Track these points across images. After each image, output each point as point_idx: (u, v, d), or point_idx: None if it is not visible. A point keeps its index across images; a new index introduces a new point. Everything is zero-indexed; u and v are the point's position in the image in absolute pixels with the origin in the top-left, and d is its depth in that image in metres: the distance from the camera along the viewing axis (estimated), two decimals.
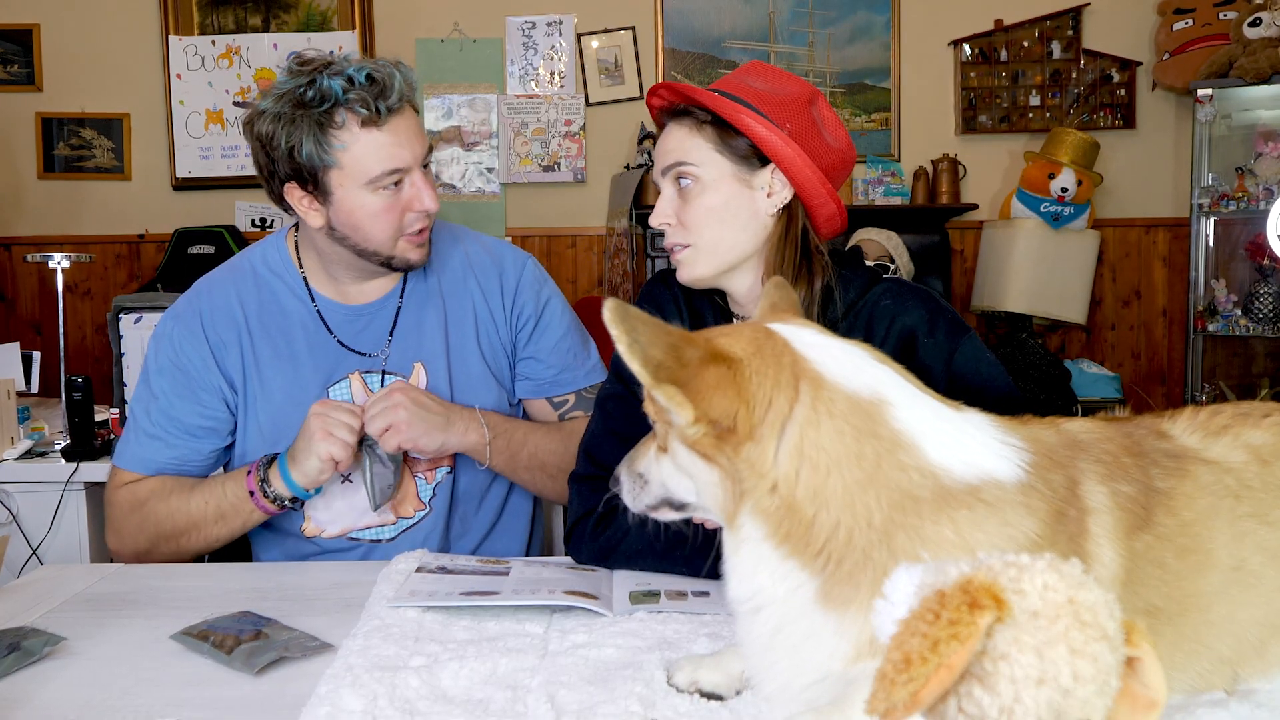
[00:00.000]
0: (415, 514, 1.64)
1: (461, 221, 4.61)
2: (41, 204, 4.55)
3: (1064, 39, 4.42)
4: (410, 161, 1.46)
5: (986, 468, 0.83)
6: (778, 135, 1.29)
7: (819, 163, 1.31)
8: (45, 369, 2.99)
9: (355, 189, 1.45)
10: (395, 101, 1.43)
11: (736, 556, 0.86)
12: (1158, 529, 0.86)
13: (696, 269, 1.35)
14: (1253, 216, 3.99)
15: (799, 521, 0.81)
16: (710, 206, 1.32)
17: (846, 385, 0.84)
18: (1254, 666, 0.90)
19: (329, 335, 1.61)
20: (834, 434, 0.81)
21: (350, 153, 1.43)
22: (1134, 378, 4.49)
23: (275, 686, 1.02)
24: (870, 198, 4.38)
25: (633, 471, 0.97)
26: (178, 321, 1.61)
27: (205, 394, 1.59)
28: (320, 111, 1.41)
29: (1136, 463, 0.89)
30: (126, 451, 1.61)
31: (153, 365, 1.61)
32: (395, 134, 1.44)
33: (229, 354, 1.59)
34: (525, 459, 1.61)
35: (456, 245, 1.70)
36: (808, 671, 0.82)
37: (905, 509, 0.80)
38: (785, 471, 0.81)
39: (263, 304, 1.62)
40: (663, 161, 1.36)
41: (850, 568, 0.80)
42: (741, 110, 1.29)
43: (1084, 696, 0.58)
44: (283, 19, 4.50)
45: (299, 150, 1.43)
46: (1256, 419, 0.95)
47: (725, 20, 4.46)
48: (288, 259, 1.64)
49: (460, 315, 1.66)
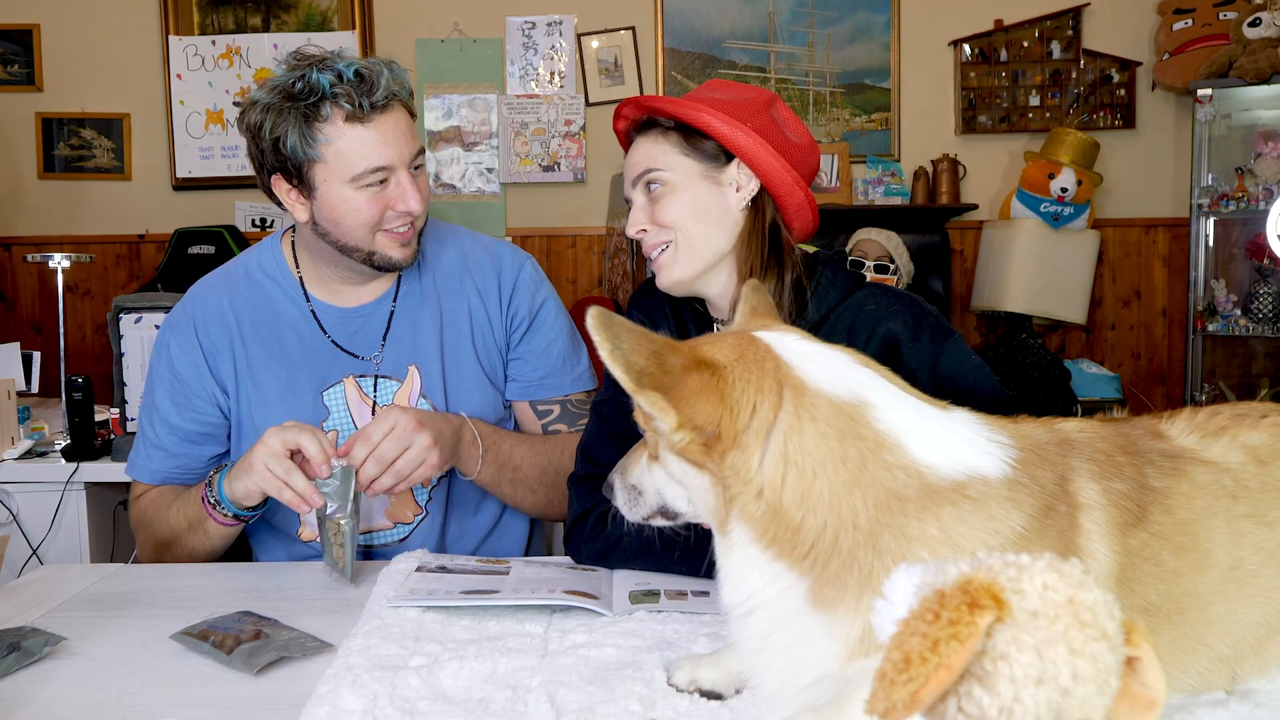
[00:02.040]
0: (413, 519, 1.63)
1: (461, 221, 4.61)
2: (42, 204, 4.55)
3: (1064, 39, 4.42)
4: (395, 160, 1.45)
5: (972, 464, 0.83)
6: (739, 129, 1.33)
7: (782, 154, 1.35)
8: (45, 369, 3.00)
9: (338, 184, 1.45)
10: (381, 99, 1.42)
11: (728, 561, 0.86)
12: (1153, 527, 0.86)
13: (676, 270, 1.37)
14: (1253, 216, 3.98)
15: (786, 525, 0.82)
16: (682, 204, 1.36)
17: (828, 389, 0.84)
18: (1252, 666, 0.90)
19: (323, 338, 1.61)
20: (818, 438, 0.82)
21: (334, 147, 1.43)
22: (1134, 378, 4.49)
23: (275, 686, 1.02)
24: (870, 198, 4.38)
25: (626, 482, 0.98)
26: (173, 331, 1.63)
27: (199, 400, 1.60)
28: (307, 105, 1.41)
29: (1131, 461, 0.89)
30: (136, 462, 1.64)
31: (153, 375, 1.64)
32: (380, 131, 1.43)
33: (221, 358, 1.60)
34: (510, 472, 1.60)
35: (454, 245, 1.69)
36: (804, 673, 0.83)
37: (891, 508, 0.80)
38: (770, 477, 0.82)
39: (256, 307, 1.62)
40: (631, 174, 1.40)
41: (836, 569, 0.80)
42: (700, 109, 1.34)
43: (1083, 696, 0.58)
44: (283, 19, 4.50)
45: (284, 142, 1.43)
46: (1254, 420, 0.95)
47: (725, 20, 4.46)
48: (283, 262, 1.64)
49: (456, 316, 1.65)
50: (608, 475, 1.02)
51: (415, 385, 1.61)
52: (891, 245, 3.80)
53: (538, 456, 1.63)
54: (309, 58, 1.45)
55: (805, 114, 4.49)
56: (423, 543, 1.62)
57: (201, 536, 1.53)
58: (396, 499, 1.61)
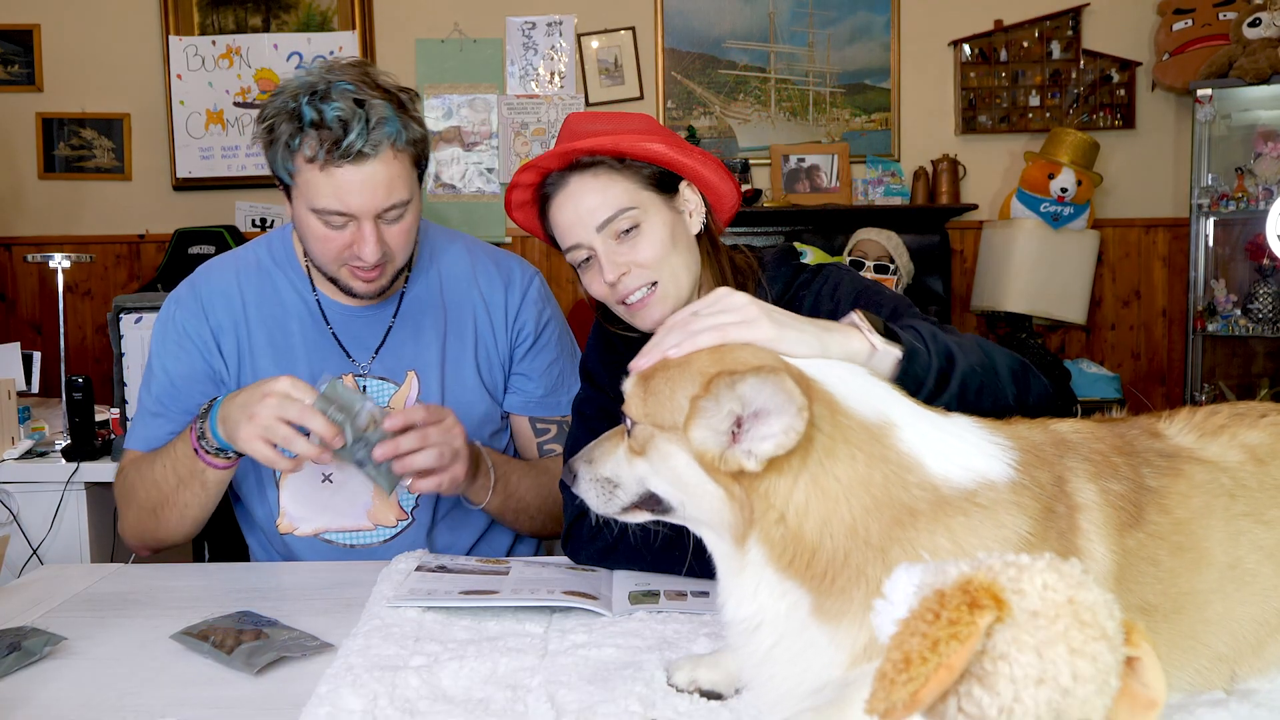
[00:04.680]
0: (397, 523, 1.62)
1: (461, 221, 4.60)
2: (42, 204, 4.55)
3: (1064, 39, 4.42)
4: (355, 210, 1.41)
5: (981, 469, 0.83)
6: (678, 150, 1.30)
7: (700, 158, 1.33)
8: (45, 369, 2.99)
9: (304, 209, 1.44)
10: (347, 154, 1.37)
11: (739, 579, 0.85)
12: (1150, 527, 0.86)
13: (662, 308, 1.31)
14: (1252, 216, 3.98)
15: (804, 548, 0.81)
16: (661, 239, 1.30)
17: (859, 411, 0.84)
18: (1251, 665, 0.90)
19: (326, 330, 1.61)
20: (848, 461, 0.81)
21: (301, 176, 1.42)
22: (1134, 378, 4.49)
23: (275, 686, 1.02)
24: (870, 198, 4.38)
25: (597, 474, 0.95)
26: (179, 305, 1.63)
27: (206, 371, 1.60)
28: (291, 128, 1.39)
29: (1127, 461, 0.89)
30: (134, 431, 1.63)
31: (156, 346, 1.63)
32: (341, 182, 1.39)
33: (225, 339, 1.60)
34: (514, 502, 1.59)
35: (463, 255, 1.69)
36: (806, 681, 0.83)
37: (903, 523, 0.80)
38: (798, 503, 0.81)
39: (262, 294, 1.62)
40: (596, 218, 1.29)
41: (844, 583, 0.80)
42: (640, 138, 1.28)
43: (1083, 696, 0.58)
44: (283, 19, 4.49)
45: (270, 153, 1.44)
46: (1253, 419, 0.95)
47: (725, 20, 4.46)
48: (292, 252, 1.64)
49: (460, 326, 1.64)
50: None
51: (413, 390, 1.61)
52: (891, 245, 3.80)
53: (539, 486, 1.62)
54: (330, 72, 1.41)
55: (805, 114, 4.49)
56: (408, 548, 1.59)
57: (196, 490, 1.48)
58: (379, 501, 1.60)
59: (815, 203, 4.33)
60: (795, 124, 4.48)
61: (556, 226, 1.33)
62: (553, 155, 1.30)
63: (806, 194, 4.38)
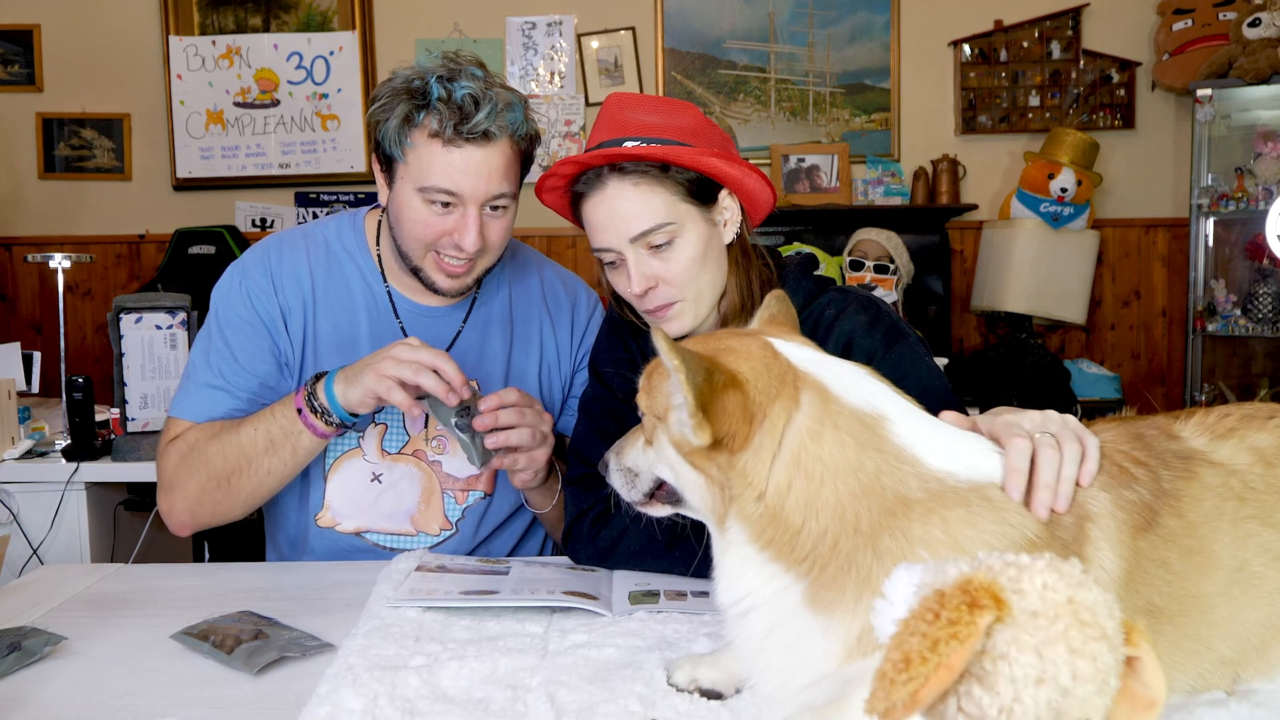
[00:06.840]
0: (440, 533, 1.60)
1: None
2: (42, 204, 4.55)
3: (1064, 39, 4.42)
4: (464, 191, 1.42)
5: (987, 470, 0.84)
6: (725, 162, 1.27)
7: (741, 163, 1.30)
8: (45, 369, 2.99)
9: (408, 187, 1.45)
10: (473, 131, 1.39)
11: (724, 558, 0.87)
12: (1163, 530, 0.86)
13: (685, 322, 1.32)
14: (1252, 216, 3.98)
15: (784, 529, 0.82)
16: (693, 256, 1.29)
17: (850, 399, 0.85)
18: (1255, 668, 0.90)
19: (394, 324, 1.59)
20: (836, 445, 0.83)
21: (415, 153, 1.43)
22: (1134, 378, 4.49)
23: (275, 686, 1.02)
24: (870, 198, 4.38)
25: (622, 464, 1.01)
26: (246, 276, 1.57)
27: (271, 348, 1.55)
28: (412, 105, 1.41)
29: (1145, 465, 0.89)
30: (186, 401, 1.54)
31: (221, 318, 1.55)
32: (458, 159, 1.41)
33: (293, 320, 1.57)
34: (560, 509, 1.58)
35: (534, 271, 1.70)
36: (802, 673, 0.83)
37: (895, 512, 0.81)
38: (777, 481, 0.83)
39: (331, 279, 1.59)
40: (629, 230, 1.27)
41: (834, 572, 0.81)
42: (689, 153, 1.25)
43: (1083, 696, 0.58)
44: (283, 19, 4.49)
45: (382, 128, 1.44)
46: (1262, 421, 0.95)
47: (725, 20, 4.46)
48: (363, 240, 1.62)
49: (526, 342, 1.65)
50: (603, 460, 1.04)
51: None
52: (891, 245, 3.80)
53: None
54: (451, 63, 1.44)
55: (805, 114, 4.49)
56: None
57: (285, 456, 1.45)
58: (425, 508, 1.59)
59: (815, 203, 4.33)
60: (795, 124, 4.49)
61: (589, 223, 1.33)
62: (599, 155, 1.27)
63: (806, 194, 4.38)
